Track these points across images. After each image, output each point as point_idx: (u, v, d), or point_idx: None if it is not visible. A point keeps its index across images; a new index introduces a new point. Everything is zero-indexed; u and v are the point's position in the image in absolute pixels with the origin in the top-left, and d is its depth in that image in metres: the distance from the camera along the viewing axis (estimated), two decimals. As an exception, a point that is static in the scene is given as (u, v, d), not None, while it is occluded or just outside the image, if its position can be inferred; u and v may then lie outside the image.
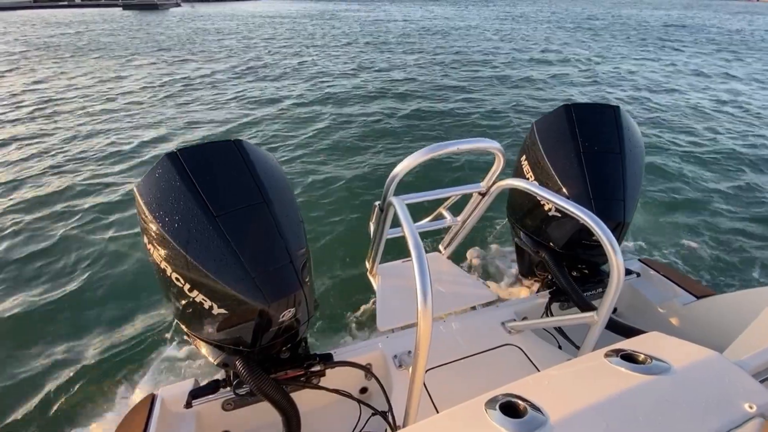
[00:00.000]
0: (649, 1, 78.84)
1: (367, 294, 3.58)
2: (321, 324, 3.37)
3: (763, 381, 0.84)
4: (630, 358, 0.90)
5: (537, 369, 1.80)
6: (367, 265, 2.24)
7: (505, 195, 2.14)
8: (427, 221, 2.22)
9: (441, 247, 2.46)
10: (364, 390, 1.93)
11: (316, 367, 1.57)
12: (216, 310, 1.23)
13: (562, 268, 1.94)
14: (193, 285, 1.22)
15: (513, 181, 1.70)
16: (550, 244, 1.97)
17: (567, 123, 1.87)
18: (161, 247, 1.23)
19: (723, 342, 1.08)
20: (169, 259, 1.22)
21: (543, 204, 1.91)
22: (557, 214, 1.86)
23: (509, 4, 60.61)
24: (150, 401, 1.57)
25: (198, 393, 1.55)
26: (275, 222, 1.26)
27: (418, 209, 1.54)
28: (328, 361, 1.63)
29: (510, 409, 0.79)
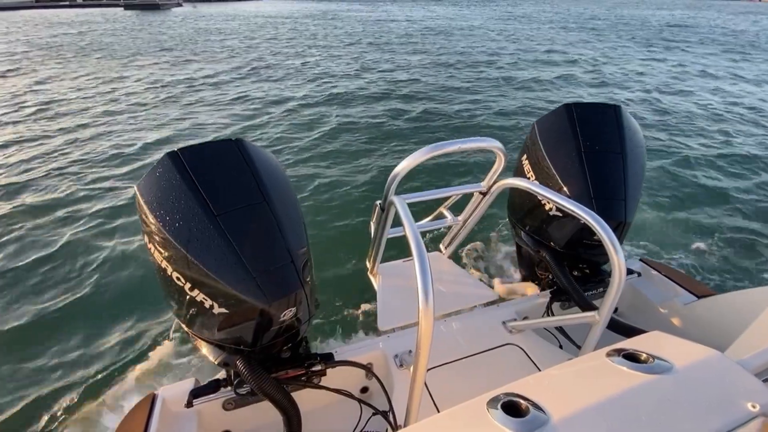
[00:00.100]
0: (651, 1, 78.58)
1: (367, 293, 3.58)
2: (322, 323, 3.37)
3: (766, 380, 0.84)
4: (632, 357, 0.90)
5: (538, 369, 1.79)
6: (368, 264, 2.23)
7: (505, 195, 2.14)
8: (427, 221, 2.22)
9: (442, 246, 2.45)
10: (364, 389, 1.93)
11: (317, 367, 1.57)
12: (217, 309, 1.23)
13: (563, 267, 1.94)
14: (194, 284, 1.22)
15: (514, 181, 1.70)
16: (551, 243, 1.97)
17: (568, 122, 1.87)
18: (162, 247, 1.23)
19: (724, 342, 1.08)
20: (169, 259, 1.22)
21: (544, 203, 1.91)
22: (558, 214, 1.86)
23: (511, 4, 60.57)
24: (150, 401, 1.57)
25: (199, 392, 1.55)
26: (276, 221, 1.26)
27: (418, 209, 1.54)
28: (328, 360, 1.63)
29: (512, 408, 0.79)
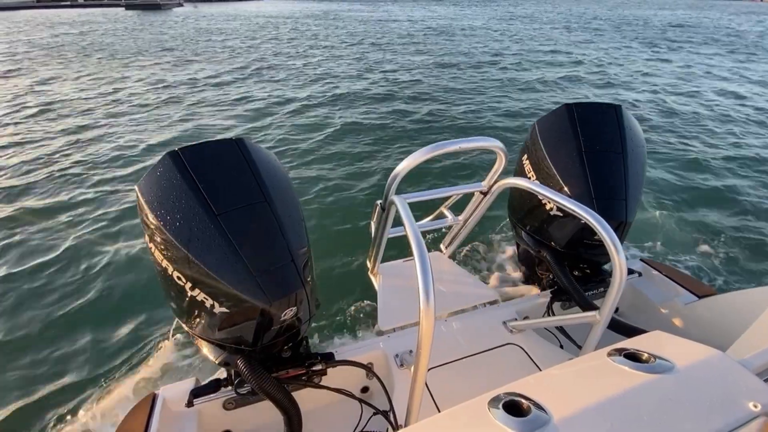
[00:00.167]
0: (653, 1, 78.36)
1: (368, 293, 3.58)
2: (322, 323, 3.37)
3: (767, 380, 0.83)
4: (633, 357, 0.90)
5: (539, 368, 1.79)
6: (368, 264, 2.23)
7: (506, 194, 2.14)
8: (428, 220, 2.22)
9: (442, 246, 2.45)
10: (365, 389, 1.93)
11: (318, 366, 1.57)
12: (217, 308, 1.23)
13: (564, 267, 1.94)
14: (195, 284, 1.22)
15: (515, 180, 1.70)
16: (552, 243, 1.97)
17: (569, 122, 1.87)
18: (163, 246, 1.23)
19: (725, 342, 1.07)
20: (170, 258, 1.22)
21: (544, 203, 1.91)
22: (559, 214, 1.86)
23: (512, 4, 60.50)
24: (151, 400, 1.57)
25: (199, 392, 1.55)
26: (277, 221, 1.26)
27: (419, 208, 1.54)
28: (329, 360, 1.63)
29: (513, 408, 0.79)
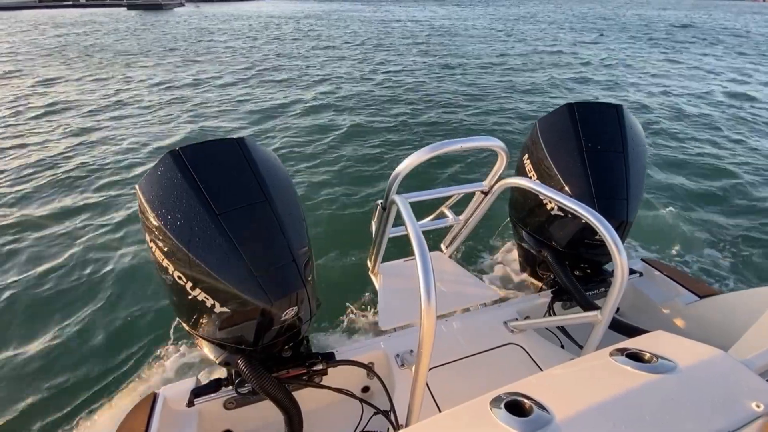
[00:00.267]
0: (657, 2, 78.07)
1: (368, 293, 3.58)
2: (323, 323, 3.37)
3: None
4: (635, 357, 0.90)
5: (540, 368, 1.79)
6: (369, 264, 2.23)
7: (507, 194, 2.14)
8: (428, 220, 2.21)
9: (443, 246, 2.45)
10: (366, 389, 1.93)
11: (318, 366, 1.57)
12: (218, 308, 1.23)
13: (565, 267, 1.93)
14: (195, 283, 1.22)
15: (516, 180, 1.69)
16: (553, 243, 1.96)
17: (570, 122, 1.87)
18: (163, 246, 1.23)
19: (726, 342, 1.07)
20: (171, 257, 1.22)
21: (545, 203, 1.90)
22: (560, 213, 1.85)
23: (514, 4, 60.40)
24: (152, 400, 1.57)
25: (200, 391, 1.55)
26: (277, 220, 1.26)
27: (419, 208, 1.53)
28: (330, 359, 1.63)
29: (515, 407, 0.79)
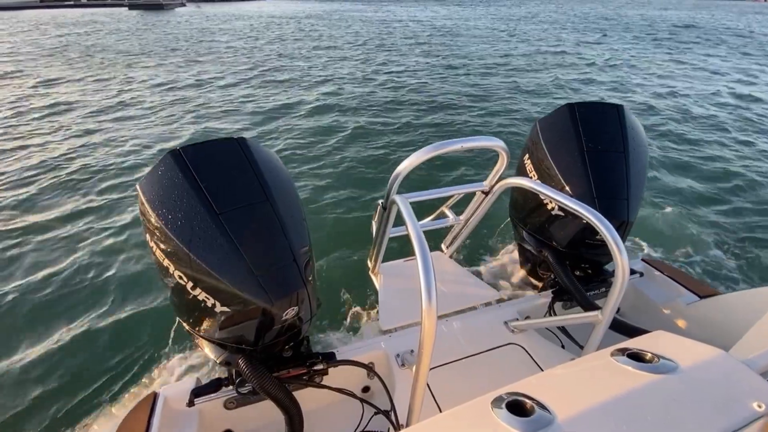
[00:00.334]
0: (658, 2, 77.87)
1: (369, 293, 3.58)
2: (323, 323, 3.37)
3: None
4: (637, 357, 0.90)
5: (540, 368, 1.79)
6: (369, 264, 2.23)
7: (508, 194, 2.14)
8: (429, 220, 2.22)
9: (443, 246, 2.45)
10: (366, 389, 1.93)
11: (319, 366, 1.57)
12: (219, 308, 1.23)
13: (565, 267, 1.93)
14: (196, 283, 1.22)
15: (517, 180, 1.69)
16: (553, 243, 1.96)
17: (570, 122, 1.87)
18: (164, 245, 1.23)
19: (727, 342, 1.07)
20: (171, 257, 1.23)
21: (546, 203, 1.90)
22: (560, 213, 1.85)
23: (516, 4, 60.33)
24: (152, 399, 1.57)
25: (200, 391, 1.55)
26: (278, 220, 1.26)
27: (419, 208, 1.54)
28: (330, 359, 1.63)
29: (517, 407, 0.79)
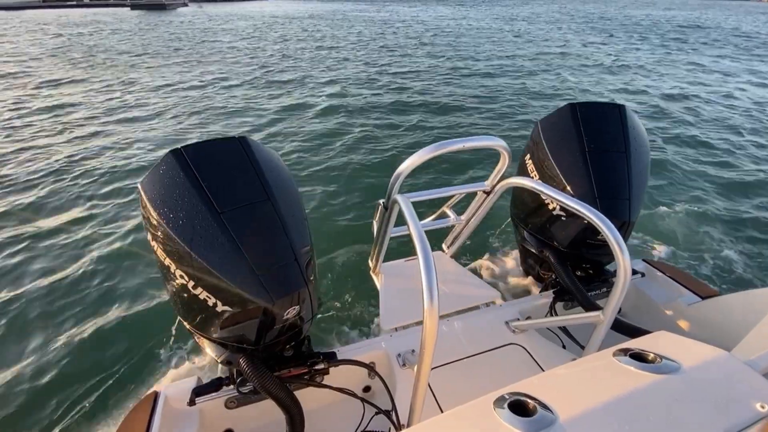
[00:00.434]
0: (662, 2, 77.59)
1: (370, 293, 3.58)
2: (324, 322, 3.37)
3: None
4: (639, 357, 0.90)
5: (541, 368, 1.79)
6: (370, 263, 2.24)
7: (509, 194, 2.13)
8: (430, 220, 2.22)
9: (444, 246, 2.45)
10: (367, 389, 1.94)
11: (320, 366, 1.57)
12: (220, 307, 1.23)
13: (567, 267, 1.93)
14: (197, 282, 1.22)
15: (518, 180, 1.69)
16: (555, 243, 1.96)
17: (572, 122, 1.87)
18: (165, 244, 1.23)
19: (729, 343, 1.07)
20: (173, 256, 1.23)
21: (547, 203, 1.90)
22: (562, 214, 1.85)
23: (518, 4, 60.26)
24: (153, 399, 1.57)
25: (201, 390, 1.56)
26: (280, 219, 1.26)
27: (420, 208, 1.54)
28: (331, 359, 1.63)
29: (519, 407, 0.78)
